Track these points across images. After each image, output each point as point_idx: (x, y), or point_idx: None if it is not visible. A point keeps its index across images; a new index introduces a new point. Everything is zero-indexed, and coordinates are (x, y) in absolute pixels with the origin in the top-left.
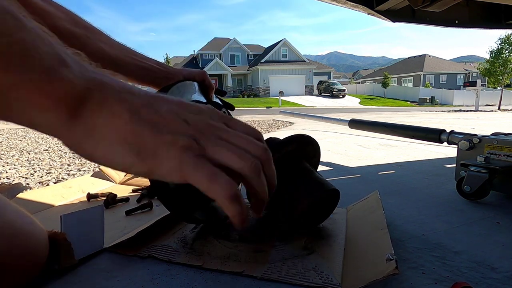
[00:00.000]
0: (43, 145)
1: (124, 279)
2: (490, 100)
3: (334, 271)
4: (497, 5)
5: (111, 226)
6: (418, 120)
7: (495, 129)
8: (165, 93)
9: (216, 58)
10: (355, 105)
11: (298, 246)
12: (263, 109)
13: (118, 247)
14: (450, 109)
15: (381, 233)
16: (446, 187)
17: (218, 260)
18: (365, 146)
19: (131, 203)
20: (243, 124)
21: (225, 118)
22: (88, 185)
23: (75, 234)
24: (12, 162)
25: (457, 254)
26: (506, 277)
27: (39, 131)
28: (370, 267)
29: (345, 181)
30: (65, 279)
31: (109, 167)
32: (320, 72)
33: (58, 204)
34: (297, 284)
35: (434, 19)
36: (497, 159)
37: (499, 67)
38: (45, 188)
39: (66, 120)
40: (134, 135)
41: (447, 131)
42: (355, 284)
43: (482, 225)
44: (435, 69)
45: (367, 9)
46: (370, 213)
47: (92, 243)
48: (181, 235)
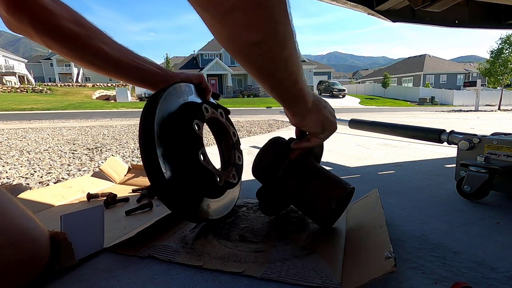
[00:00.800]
0: (43, 145)
1: (124, 279)
2: (490, 100)
3: (334, 271)
4: (497, 5)
5: (111, 226)
6: (418, 120)
7: (495, 129)
8: (163, 93)
9: (216, 58)
10: (355, 105)
11: (298, 246)
12: (263, 109)
13: (118, 247)
14: (450, 109)
15: (380, 231)
16: (446, 187)
17: (218, 260)
18: (365, 146)
19: (131, 203)
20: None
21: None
22: (88, 185)
23: (75, 234)
24: (12, 162)
25: (457, 254)
26: (506, 277)
27: (291, 108)
28: (369, 266)
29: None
30: (65, 279)
31: (307, 131)
32: (320, 72)
33: (58, 204)
34: (297, 284)
35: (434, 19)
36: (497, 159)
37: (499, 67)
38: (45, 188)
39: (305, 111)
40: (325, 119)
41: (447, 131)
42: (354, 284)
43: (482, 225)
44: (435, 69)
45: (367, 9)
46: (369, 212)
47: (92, 243)
48: (181, 235)
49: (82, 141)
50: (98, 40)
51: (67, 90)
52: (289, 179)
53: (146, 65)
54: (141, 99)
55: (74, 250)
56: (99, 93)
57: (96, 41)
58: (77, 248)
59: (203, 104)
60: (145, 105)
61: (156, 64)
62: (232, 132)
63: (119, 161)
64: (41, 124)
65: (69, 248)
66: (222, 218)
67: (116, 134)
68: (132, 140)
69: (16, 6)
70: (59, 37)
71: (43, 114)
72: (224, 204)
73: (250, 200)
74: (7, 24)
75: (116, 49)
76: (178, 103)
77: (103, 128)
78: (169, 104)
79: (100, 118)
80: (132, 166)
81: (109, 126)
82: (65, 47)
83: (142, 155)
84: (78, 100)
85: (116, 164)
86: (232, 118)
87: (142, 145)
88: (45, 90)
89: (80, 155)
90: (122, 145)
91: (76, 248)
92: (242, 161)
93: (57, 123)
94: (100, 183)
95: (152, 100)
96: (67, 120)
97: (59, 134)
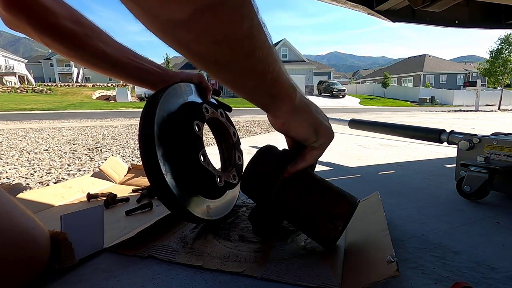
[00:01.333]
0: (43, 145)
1: (124, 279)
2: (490, 100)
3: (334, 272)
4: (497, 5)
5: (111, 226)
6: (418, 120)
7: (495, 129)
8: (163, 93)
9: None
10: (355, 105)
11: (298, 246)
12: None
13: (118, 247)
14: (450, 109)
15: (381, 234)
16: (446, 187)
17: (218, 260)
18: (365, 146)
19: (131, 203)
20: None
21: None
22: (88, 185)
23: (75, 234)
24: (12, 162)
25: (457, 254)
26: (506, 277)
27: (265, 108)
28: (370, 269)
29: (345, 181)
30: (65, 279)
31: (296, 137)
32: (320, 72)
33: (58, 204)
34: (297, 284)
35: (434, 19)
36: (497, 159)
37: (499, 67)
38: (45, 188)
39: (291, 110)
40: (315, 121)
41: (447, 131)
42: (355, 285)
43: (482, 225)
44: (435, 69)
45: (367, 9)
46: (370, 214)
47: (92, 243)
48: (181, 235)
49: (82, 141)
50: (96, 39)
51: (67, 90)
52: (285, 198)
53: (145, 64)
54: (141, 99)
55: (74, 250)
56: (99, 93)
57: (95, 40)
58: (77, 248)
59: (203, 104)
60: (144, 105)
61: (155, 64)
62: (233, 132)
63: (119, 161)
64: (41, 124)
65: (69, 248)
66: (223, 218)
67: (116, 134)
68: (132, 140)
69: (13, 3)
70: (57, 36)
71: (43, 114)
72: (224, 204)
73: (249, 200)
74: (5, 22)
75: (115, 48)
76: (178, 103)
77: (103, 128)
78: (169, 104)
79: (100, 118)
80: (132, 166)
81: (109, 126)
82: (63, 45)
83: (142, 156)
84: (78, 100)
85: (116, 164)
86: (232, 118)
87: (142, 146)
88: (45, 90)
89: (80, 155)
90: (122, 145)
91: (76, 248)
92: (243, 161)
93: (57, 123)
94: (100, 183)
95: (152, 100)
96: (67, 120)
97: (59, 134)
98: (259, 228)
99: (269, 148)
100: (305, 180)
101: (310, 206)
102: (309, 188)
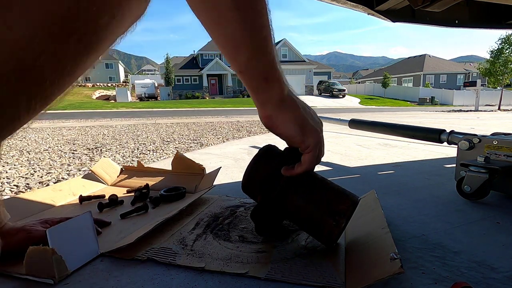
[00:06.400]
0: (43, 145)
1: (124, 279)
2: (490, 100)
3: (337, 270)
4: (497, 5)
5: (107, 230)
6: (418, 120)
7: (495, 129)
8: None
9: (216, 58)
10: (355, 105)
11: (299, 246)
12: None
13: (115, 252)
14: (450, 109)
15: (382, 232)
16: (446, 187)
17: (220, 261)
18: (365, 146)
19: (126, 205)
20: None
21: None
22: (79, 187)
23: (66, 245)
24: (12, 162)
25: (457, 254)
26: (506, 277)
27: (256, 93)
28: (374, 266)
29: (345, 181)
30: (65, 279)
31: (282, 134)
32: (320, 72)
33: (48, 209)
34: (301, 284)
35: (434, 19)
36: (497, 159)
37: (499, 67)
38: (35, 192)
39: (278, 101)
40: (303, 119)
41: (447, 131)
42: (360, 283)
43: (482, 225)
44: (435, 69)
45: (367, 9)
46: (368, 212)
47: (86, 251)
48: (180, 237)
49: (82, 141)
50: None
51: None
52: (287, 197)
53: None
54: (141, 99)
55: (67, 261)
56: (99, 93)
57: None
58: (71, 259)
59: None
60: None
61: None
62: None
63: (110, 162)
64: (41, 124)
65: (60, 261)
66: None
67: (116, 134)
68: (132, 140)
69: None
70: None
71: (43, 114)
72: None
73: (247, 200)
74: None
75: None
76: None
77: (103, 128)
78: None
79: (100, 118)
80: (125, 168)
81: (109, 126)
82: None
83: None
84: (78, 100)
85: (108, 165)
86: (232, 118)
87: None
88: None
89: (80, 155)
90: (122, 145)
91: (70, 259)
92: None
93: (57, 123)
94: (91, 185)
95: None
96: (67, 120)
97: (59, 134)
98: (261, 227)
99: (270, 148)
100: (306, 179)
101: (312, 204)
102: (311, 187)
